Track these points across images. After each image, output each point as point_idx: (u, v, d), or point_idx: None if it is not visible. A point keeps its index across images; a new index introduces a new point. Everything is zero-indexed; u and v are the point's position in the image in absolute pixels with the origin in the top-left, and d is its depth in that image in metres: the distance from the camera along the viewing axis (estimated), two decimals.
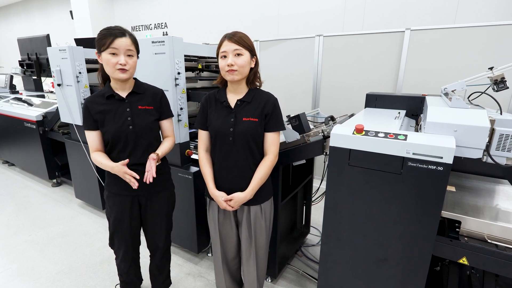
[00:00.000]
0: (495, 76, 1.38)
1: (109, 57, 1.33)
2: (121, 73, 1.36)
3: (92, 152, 1.46)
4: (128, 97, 1.46)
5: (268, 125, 1.38)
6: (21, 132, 3.73)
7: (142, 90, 1.49)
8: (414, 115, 1.80)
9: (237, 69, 1.29)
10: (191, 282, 2.11)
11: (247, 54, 1.30)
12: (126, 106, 1.44)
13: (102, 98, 1.44)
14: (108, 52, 1.33)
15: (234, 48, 1.28)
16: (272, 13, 4.64)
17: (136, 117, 1.45)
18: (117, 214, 1.54)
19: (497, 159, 1.11)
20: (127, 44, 1.34)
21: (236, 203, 1.38)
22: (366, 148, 1.20)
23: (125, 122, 1.43)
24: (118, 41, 1.32)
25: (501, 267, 1.10)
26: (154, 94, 1.52)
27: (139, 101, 1.48)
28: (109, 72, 1.37)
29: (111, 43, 1.31)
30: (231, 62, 1.28)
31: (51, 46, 2.67)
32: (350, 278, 1.40)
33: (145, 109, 1.48)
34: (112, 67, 1.34)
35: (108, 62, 1.34)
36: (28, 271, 2.23)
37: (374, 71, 3.05)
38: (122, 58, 1.33)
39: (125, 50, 1.34)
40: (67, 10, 7.05)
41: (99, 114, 1.42)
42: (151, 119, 1.49)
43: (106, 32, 1.33)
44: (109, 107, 1.43)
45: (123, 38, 1.33)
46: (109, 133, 1.42)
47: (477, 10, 3.21)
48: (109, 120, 1.42)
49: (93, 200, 3.04)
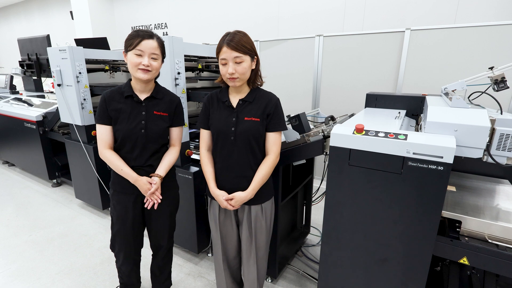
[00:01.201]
0: (496, 76, 1.38)
1: (134, 57, 1.35)
2: (142, 73, 1.37)
3: (103, 148, 1.45)
4: (146, 100, 1.46)
5: (269, 125, 1.38)
6: (21, 133, 3.73)
7: (160, 96, 1.50)
8: (414, 115, 1.80)
9: (238, 76, 1.29)
10: (191, 282, 2.11)
11: (248, 59, 1.29)
12: (142, 109, 1.45)
13: (121, 96, 1.45)
14: (134, 53, 1.34)
15: (234, 55, 1.26)
16: (272, 14, 4.64)
17: (149, 122, 1.45)
18: (120, 212, 1.54)
19: (497, 159, 1.11)
20: (153, 47, 1.35)
21: (237, 202, 1.38)
22: (366, 148, 1.20)
23: (138, 125, 1.43)
24: (144, 43, 1.33)
25: (502, 267, 1.10)
26: (171, 101, 1.53)
27: (155, 106, 1.48)
28: (131, 71, 1.39)
29: (138, 44, 1.33)
30: (232, 70, 1.27)
31: (51, 47, 2.67)
32: (351, 278, 1.40)
33: (160, 115, 1.49)
34: (135, 66, 1.36)
35: (132, 62, 1.36)
36: (28, 271, 2.23)
37: (374, 71, 3.05)
38: (146, 59, 1.35)
39: (150, 53, 1.35)
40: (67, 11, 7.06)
41: (115, 112, 1.43)
42: (164, 126, 1.50)
43: (135, 34, 1.35)
44: (125, 107, 1.44)
45: (150, 40, 1.35)
46: (121, 133, 1.43)
47: (477, 10, 3.22)
48: (123, 120, 1.43)
49: (93, 201, 3.03)
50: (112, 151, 1.46)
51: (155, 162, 1.50)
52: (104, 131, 1.45)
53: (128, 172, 1.43)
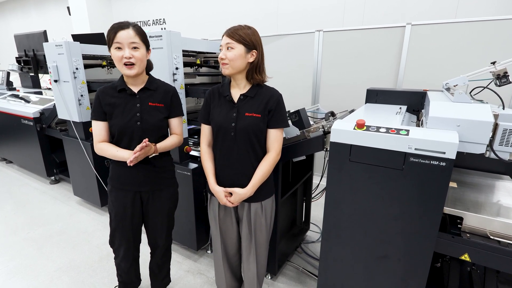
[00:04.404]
0: (498, 70, 1.37)
1: (115, 52, 1.32)
2: (127, 69, 1.34)
3: (97, 143, 1.43)
4: (140, 92, 1.44)
5: (271, 121, 1.36)
6: (19, 129, 3.70)
7: (154, 87, 1.47)
8: (415, 111, 1.79)
9: (227, 62, 1.30)
10: (191, 279, 2.10)
11: (240, 47, 1.28)
12: (136, 102, 1.43)
13: (114, 90, 1.43)
14: (114, 47, 1.31)
15: (226, 41, 1.29)
16: (271, 10, 4.60)
17: (145, 114, 1.43)
18: (118, 209, 1.52)
19: (500, 154, 1.10)
20: (129, 36, 1.31)
21: (236, 199, 1.36)
22: (367, 144, 1.18)
23: (133, 118, 1.41)
24: (120, 34, 1.30)
25: (504, 263, 1.09)
26: (166, 91, 1.50)
27: (150, 97, 1.46)
28: (118, 68, 1.37)
29: (114, 37, 1.30)
30: (222, 55, 1.30)
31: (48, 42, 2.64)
32: (351, 275, 1.39)
33: (155, 106, 1.46)
34: (119, 61, 1.33)
35: (115, 57, 1.33)
36: (27, 269, 2.21)
37: (374, 67, 3.02)
38: (126, 51, 1.31)
39: (129, 43, 1.32)
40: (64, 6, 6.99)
41: (109, 106, 1.41)
42: (160, 117, 1.47)
43: (110, 28, 1.31)
44: (119, 101, 1.42)
45: (126, 30, 1.31)
46: (116, 127, 1.41)
47: (478, 5, 3.19)
48: (118, 114, 1.41)
49: (91, 197, 3.02)
50: (105, 142, 1.44)
51: (155, 156, 1.48)
52: (99, 127, 1.43)
53: (122, 153, 1.39)
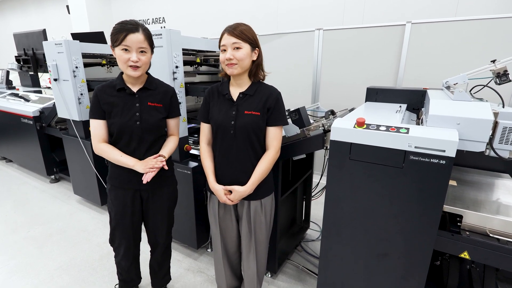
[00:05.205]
0: (498, 69, 1.37)
1: (121, 53, 1.31)
2: (132, 71, 1.34)
3: (97, 143, 1.43)
4: (139, 92, 1.44)
5: (270, 119, 1.36)
6: (18, 128, 3.70)
7: (153, 87, 1.47)
8: (415, 109, 1.79)
9: (236, 62, 1.28)
10: (191, 277, 2.11)
11: (247, 47, 1.28)
12: (135, 101, 1.42)
13: (113, 89, 1.42)
14: (121, 48, 1.31)
15: (232, 41, 1.27)
16: (271, 9, 4.59)
17: (144, 113, 1.43)
18: (118, 208, 1.52)
19: (500, 153, 1.10)
20: (139, 40, 1.31)
21: (235, 196, 1.37)
22: (367, 142, 1.18)
23: (133, 117, 1.41)
24: (130, 37, 1.29)
25: (503, 261, 1.10)
26: (165, 92, 1.50)
27: (149, 97, 1.45)
28: (122, 68, 1.36)
29: (123, 39, 1.29)
30: (230, 56, 1.27)
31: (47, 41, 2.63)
32: (351, 273, 1.39)
33: (154, 106, 1.46)
34: (124, 63, 1.33)
35: (120, 58, 1.32)
36: (27, 267, 2.22)
37: (374, 65, 3.02)
38: (134, 55, 1.31)
39: (138, 47, 1.31)
40: (64, 5, 6.97)
41: (107, 105, 1.41)
42: (159, 117, 1.47)
43: (119, 27, 1.30)
44: (118, 100, 1.41)
45: (136, 34, 1.30)
46: (115, 126, 1.40)
47: (478, 3, 3.18)
48: (117, 113, 1.40)
49: (91, 196, 3.02)
50: (107, 144, 1.44)
51: (153, 155, 1.48)
52: (98, 126, 1.42)
53: (127, 160, 1.40)
